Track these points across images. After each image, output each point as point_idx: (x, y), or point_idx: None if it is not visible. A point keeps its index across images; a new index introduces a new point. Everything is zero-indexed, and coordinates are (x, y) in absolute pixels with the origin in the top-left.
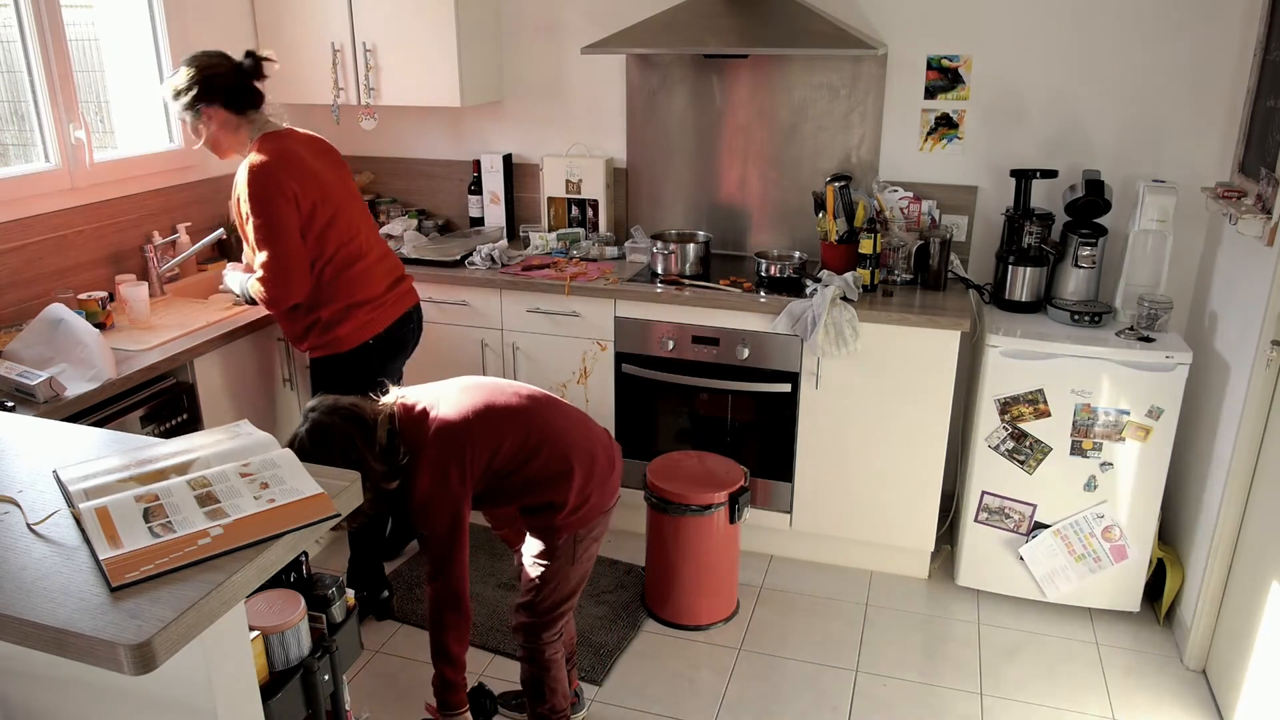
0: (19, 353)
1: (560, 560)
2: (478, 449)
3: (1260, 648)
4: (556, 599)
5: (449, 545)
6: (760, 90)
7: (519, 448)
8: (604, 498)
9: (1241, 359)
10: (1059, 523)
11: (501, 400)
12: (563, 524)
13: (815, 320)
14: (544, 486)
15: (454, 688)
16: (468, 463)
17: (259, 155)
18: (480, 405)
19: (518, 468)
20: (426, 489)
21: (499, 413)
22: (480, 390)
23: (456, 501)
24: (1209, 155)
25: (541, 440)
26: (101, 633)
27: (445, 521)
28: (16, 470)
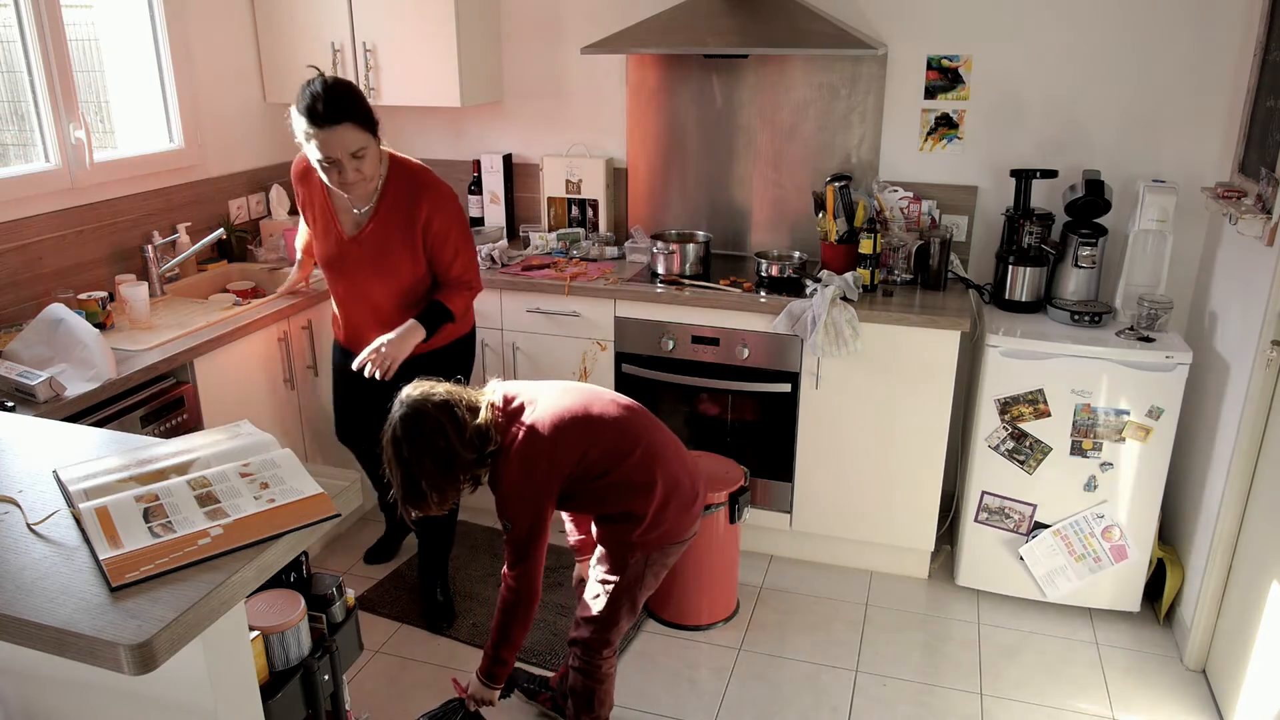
0: (19, 353)
1: (629, 578)
2: (568, 449)
3: (1260, 648)
4: (620, 616)
5: (530, 538)
6: (760, 90)
7: (608, 453)
8: (682, 526)
9: (1241, 359)
10: (1059, 523)
11: (598, 407)
12: (639, 542)
13: (815, 320)
14: (626, 495)
15: (505, 669)
16: (557, 461)
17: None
18: (577, 408)
19: (604, 472)
20: (514, 481)
21: (594, 418)
22: (579, 393)
23: (542, 497)
24: (1209, 155)
25: (631, 449)
26: (101, 633)
27: (529, 515)
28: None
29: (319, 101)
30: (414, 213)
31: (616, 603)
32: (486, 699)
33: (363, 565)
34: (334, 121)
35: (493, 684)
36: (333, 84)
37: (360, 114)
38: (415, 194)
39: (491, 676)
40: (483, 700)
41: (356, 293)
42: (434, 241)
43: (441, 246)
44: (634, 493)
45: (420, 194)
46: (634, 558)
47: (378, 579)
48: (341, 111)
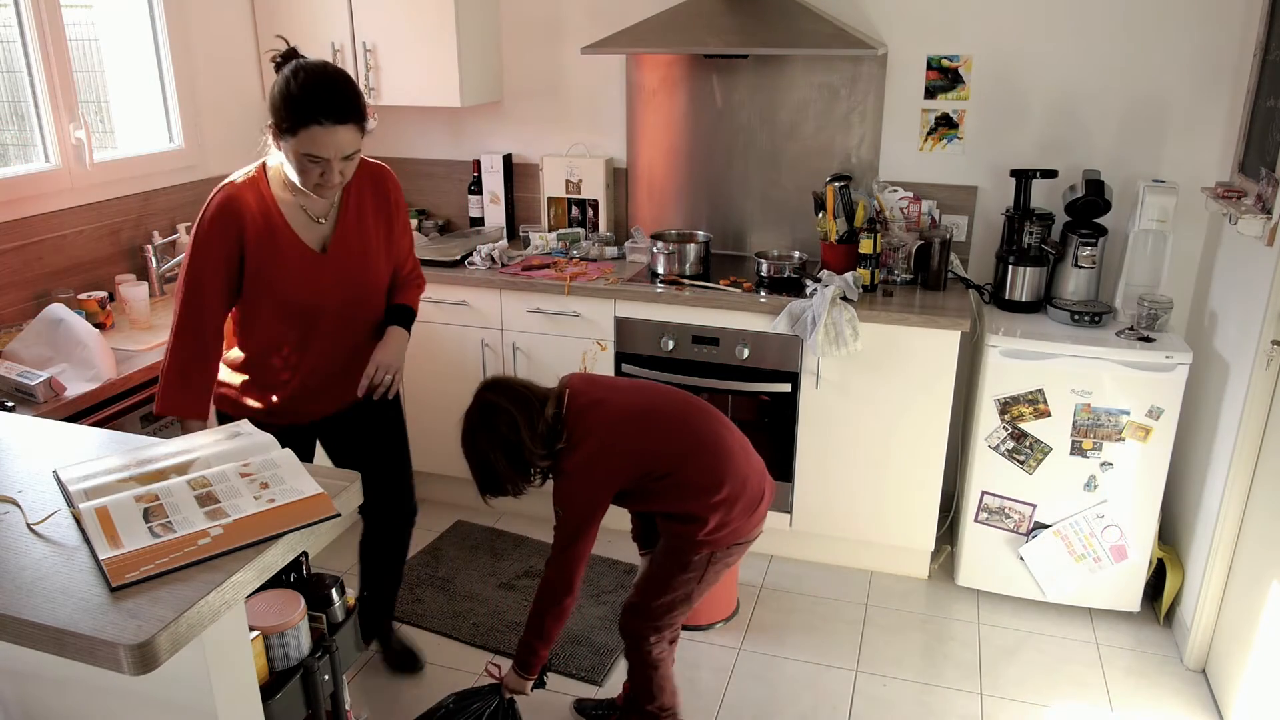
0: (19, 353)
1: (690, 574)
2: (633, 449)
3: (1260, 648)
4: (674, 608)
5: (577, 533)
6: (760, 90)
7: (674, 454)
8: (748, 526)
9: (1241, 359)
10: (1059, 523)
11: (666, 408)
12: (704, 540)
13: (815, 320)
14: (690, 497)
15: (538, 659)
16: (620, 460)
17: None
18: (647, 407)
19: (669, 473)
20: (575, 476)
21: (663, 418)
22: (649, 393)
23: (597, 495)
24: (1209, 155)
25: (698, 451)
26: (101, 633)
27: (581, 510)
28: (16, 470)
29: (329, 93)
30: (384, 196)
31: (673, 596)
32: (518, 689)
33: None
34: (341, 120)
35: (526, 674)
36: (337, 75)
37: (362, 114)
38: (376, 177)
39: (524, 666)
40: (515, 690)
41: (338, 326)
42: (402, 227)
43: (405, 232)
44: (697, 494)
45: (380, 176)
46: (697, 555)
47: None
48: (350, 110)
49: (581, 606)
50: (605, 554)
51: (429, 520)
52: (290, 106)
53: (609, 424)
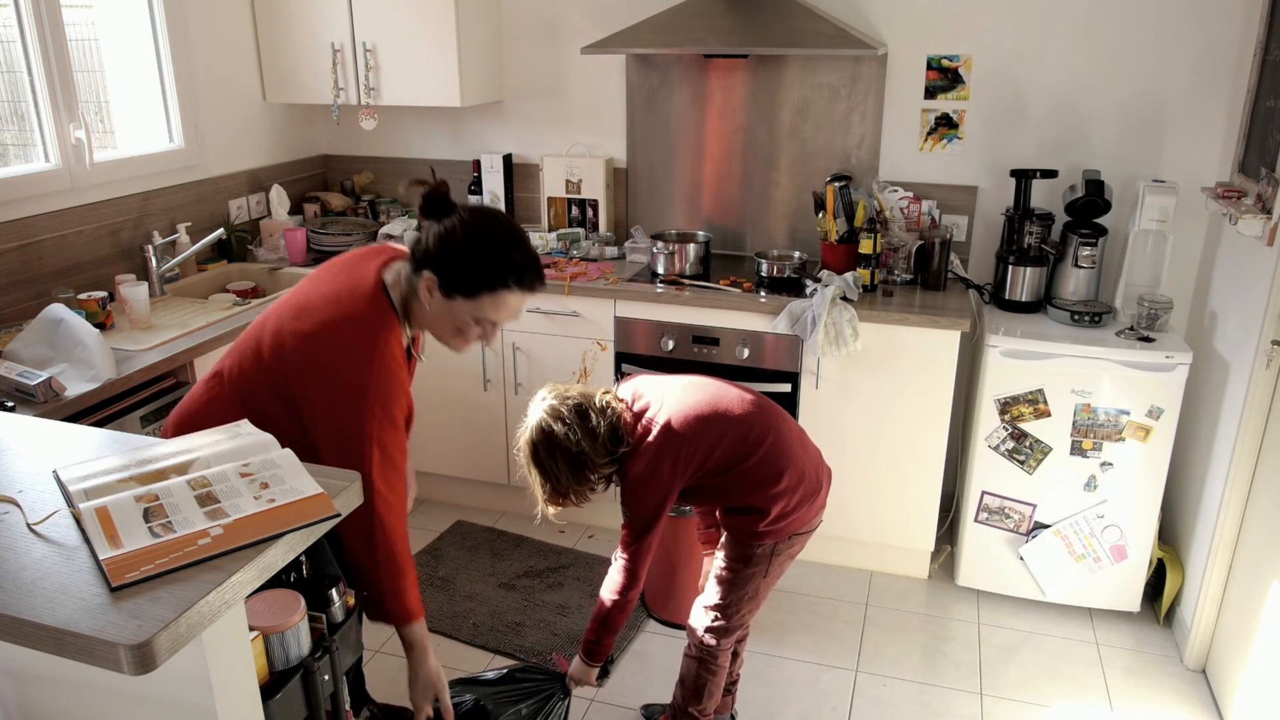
0: (19, 353)
1: (755, 568)
2: (695, 446)
3: (1260, 648)
4: (742, 605)
5: (645, 530)
6: (760, 90)
7: (734, 448)
8: (807, 516)
9: (1241, 359)
10: (1059, 523)
11: (724, 403)
12: (765, 531)
13: (815, 320)
14: (751, 490)
15: (604, 649)
16: (683, 458)
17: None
18: (704, 405)
19: (729, 467)
20: (639, 475)
21: (721, 414)
22: (705, 389)
23: (663, 492)
24: (1209, 155)
25: (757, 445)
26: (101, 633)
27: (649, 508)
28: (16, 470)
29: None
30: None
31: (740, 593)
32: (585, 679)
33: None
34: (541, 283)
35: (592, 663)
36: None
37: None
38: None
39: (591, 655)
40: (581, 680)
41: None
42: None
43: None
44: (759, 486)
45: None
46: (759, 548)
47: None
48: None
49: (582, 606)
50: (605, 554)
51: (429, 520)
52: (479, 268)
53: (670, 423)
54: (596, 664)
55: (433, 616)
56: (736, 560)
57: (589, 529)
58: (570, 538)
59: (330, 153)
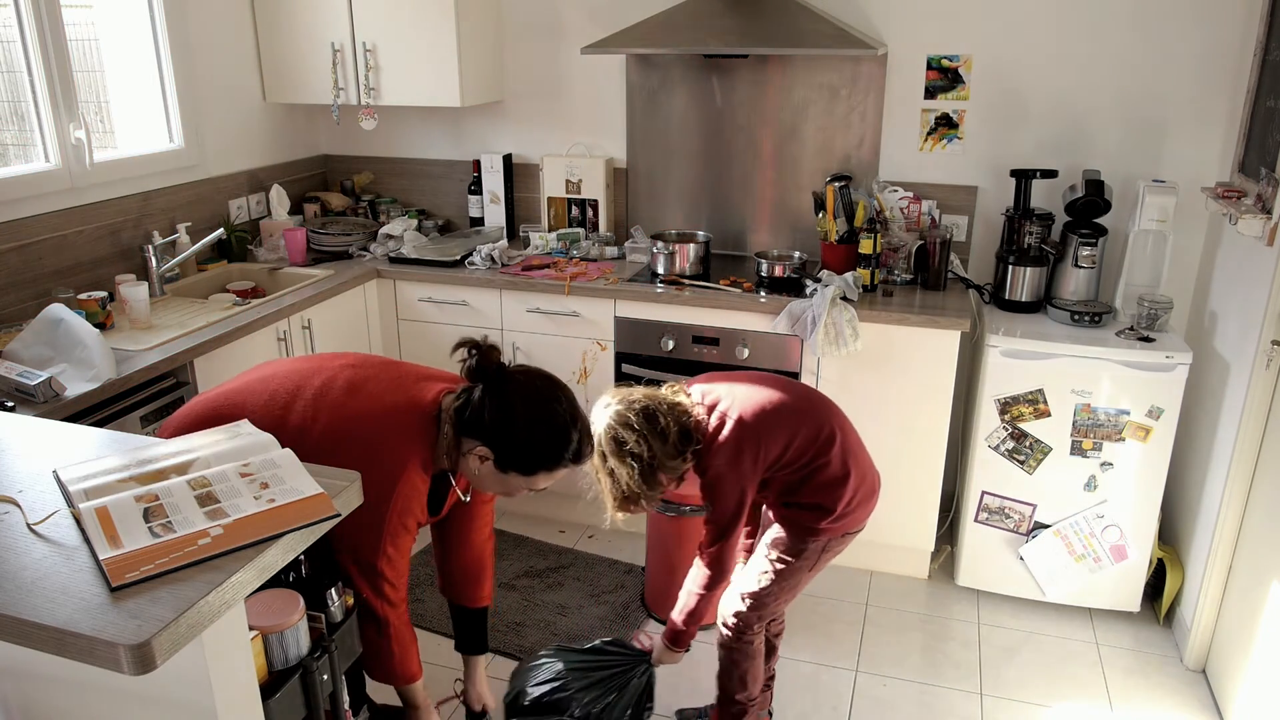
0: (19, 353)
1: (804, 561)
2: (773, 437)
3: (1260, 648)
4: (782, 596)
5: (731, 523)
6: (760, 90)
7: (810, 443)
8: (861, 517)
9: (1241, 359)
10: (1059, 523)
11: (796, 398)
12: (824, 528)
13: (815, 320)
14: (821, 487)
15: (689, 636)
16: (762, 449)
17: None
18: (778, 399)
19: (806, 462)
20: (721, 470)
21: (795, 408)
22: (776, 384)
23: (745, 484)
24: (1209, 155)
25: (830, 442)
26: (101, 633)
27: (733, 501)
28: (16, 470)
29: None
30: None
31: (781, 584)
32: (670, 661)
33: None
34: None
35: (676, 648)
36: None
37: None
38: None
39: (675, 641)
40: (667, 662)
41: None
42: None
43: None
44: (830, 485)
45: None
46: (814, 542)
47: None
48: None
49: (582, 606)
50: (605, 554)
51: None
52: (539, 452)
53: (744, 416)
54: (681, 650)
55: (434, 616)
56: (788, 552)
57: (589, 529)
58: (570, 538)
59: (330, 153)
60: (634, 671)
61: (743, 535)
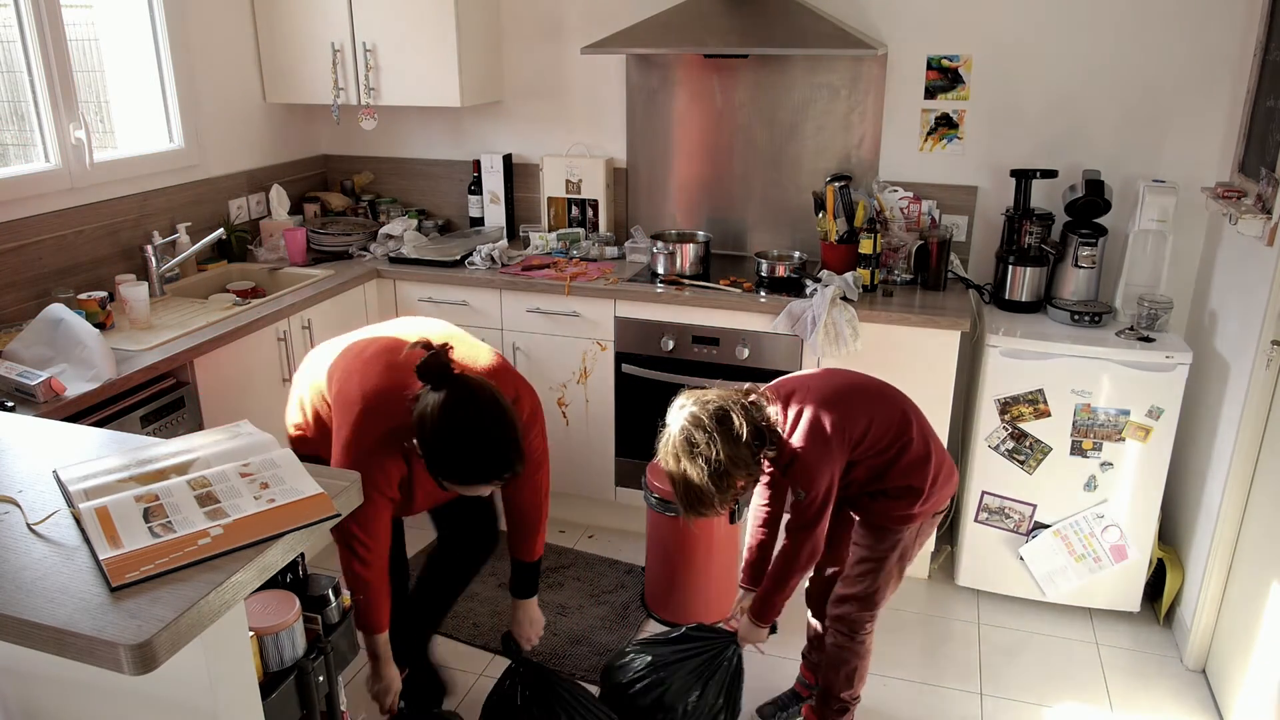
0: (19, 353)
1: (900, 551)
2: (853, 418)
3: (1260, 648)
4: (888, 589)
5: (824, 504)
6: (760, 90)
7: (889, 424)
8: (944, 496)
9: (1241, 359)
10: (1059, 523)
11: (868, 383)
12: (915, 513)
13: (815, 320)
14: (908, 469)
15: (775, 613)
16: (845, 430)
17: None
18: (851, 383)
19: (888, 444)
20: (809, 454)
21: (868, 393)
22: (849, 373)
23: (833, 465)
24: (1209, 155)
25: (908, 421)
26: (101, 633)
27: (825, 482)
28: (16, 470)
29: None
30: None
31: (887, 576)
32: (756, 639)
33: None
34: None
35: (763, 623)
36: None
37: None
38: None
39: (762, 616)
40: (752, 639)
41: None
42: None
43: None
44: (915, 465)
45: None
46: (907, 530)
47: None
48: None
49: (582, 607)
50: (605, 554)
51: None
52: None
53: (823, 402)
54: (766, 625)
55: None
56: (882, 547)
57: (589, 529)
58: (570, 538)
59: (330, 153)
60: (723, 655)
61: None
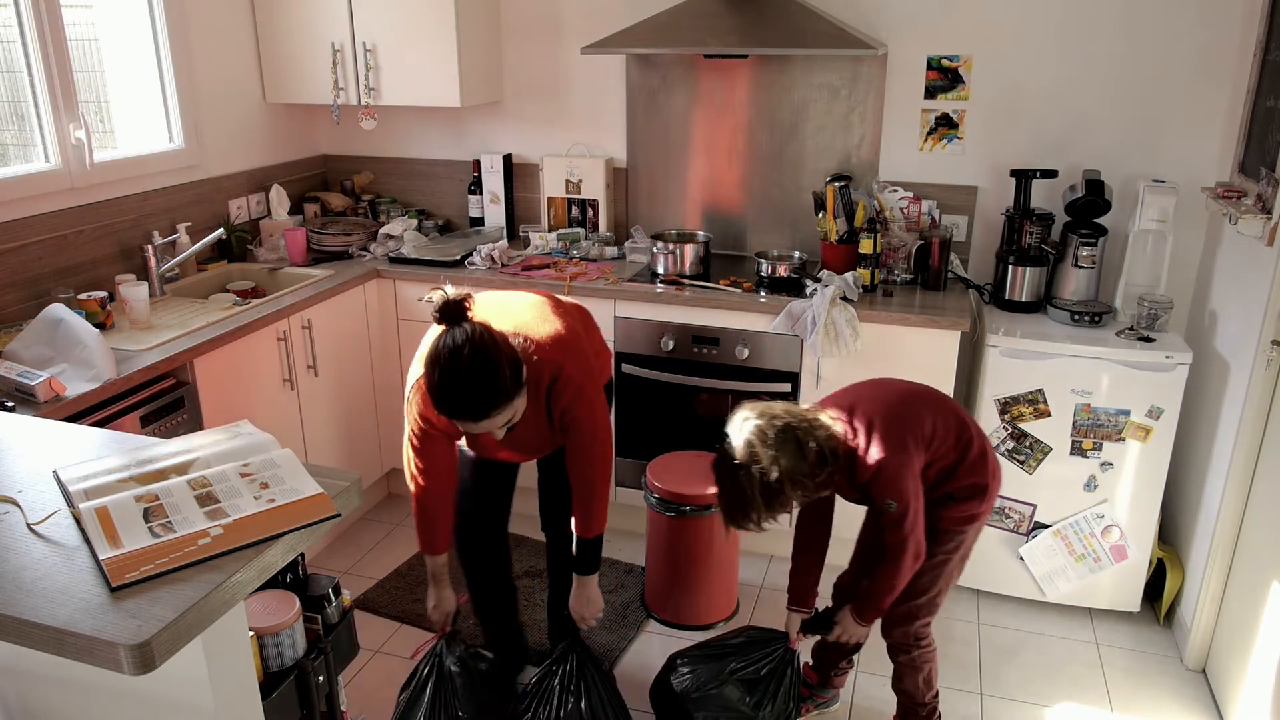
0: (19, 353)
1: (963, 552)
2: (919, 419)
3: (1260, 648)
4: (946, 591)
5: (917, 508)
6: (760, 90)
7: (950, 424)
8: (996, 492)
9: (1241, 359)
10: (1059, 523)
11: (913, 386)
12: (979, 512)
13: (815, 320)
14: (973, 467)
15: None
16: (916, 429)
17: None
18: (905, 389)
19: (954, 441)
20: (888, 460)
21: (923, 394)
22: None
23: (913, 467)
24: (1209, 155)
25: (965, 420)
26: (101, 633)
27: (912, 486)
28: (16, 470)
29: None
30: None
31: (947, 578)
32: (858, 637)
33: (362, 565)
34: (479, 419)
35: (866, 622)
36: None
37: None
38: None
39: (863, 615)
40: (854, 636)
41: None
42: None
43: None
44: (979, 462)
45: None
46: (970, 530)
47: (378, 579)
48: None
49: None
50: (605, 554)
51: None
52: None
53: (887, 409)
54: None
55: None
56: (945, 549)
57: None
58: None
59: (330, 153)
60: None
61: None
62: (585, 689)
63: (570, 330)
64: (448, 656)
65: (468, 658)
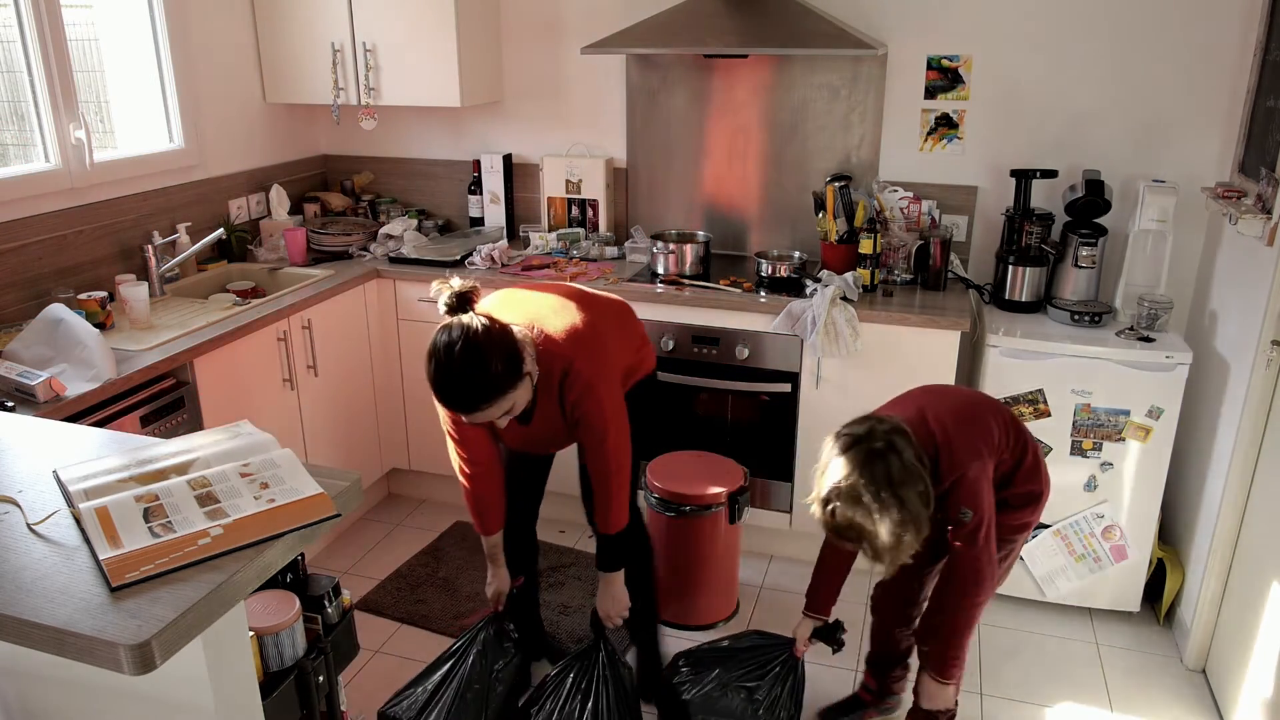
0: (19, 353)
1: (1009, 561)
2: (986, 425)
3: (1260, 648)
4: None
5: (991, 517)
6: (760, 90)
7: (1006, 428)
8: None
9: (1241, 359)
10: (1059, 523)
11: (967, 391)
12: (1032, 520)
13: (815, 320)
14: (1030, 472)
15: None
16: (986, 434)
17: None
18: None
19: (1014, 447)
20: (969, 467)
21: (978, 399)
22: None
23: (990, 474)
24: (1209, 155)
25: (1020, 425)
26: (101, 633)
27: (988, 493)
28: (16, 470)
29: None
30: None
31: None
32: (946, 703)
33: (362, 565)
34: (471, 411)
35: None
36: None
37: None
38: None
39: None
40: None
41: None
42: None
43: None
44: (1035, 467)
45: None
46: (1020, 539)
47: (378, 579)
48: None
49: (583, 606)
50: None
51: (429, 520)
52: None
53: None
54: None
55: (435, 617)
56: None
57: (589, 529)
58: (570, 538)
59: (330, 153)
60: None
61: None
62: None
63: (589, 325)
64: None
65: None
